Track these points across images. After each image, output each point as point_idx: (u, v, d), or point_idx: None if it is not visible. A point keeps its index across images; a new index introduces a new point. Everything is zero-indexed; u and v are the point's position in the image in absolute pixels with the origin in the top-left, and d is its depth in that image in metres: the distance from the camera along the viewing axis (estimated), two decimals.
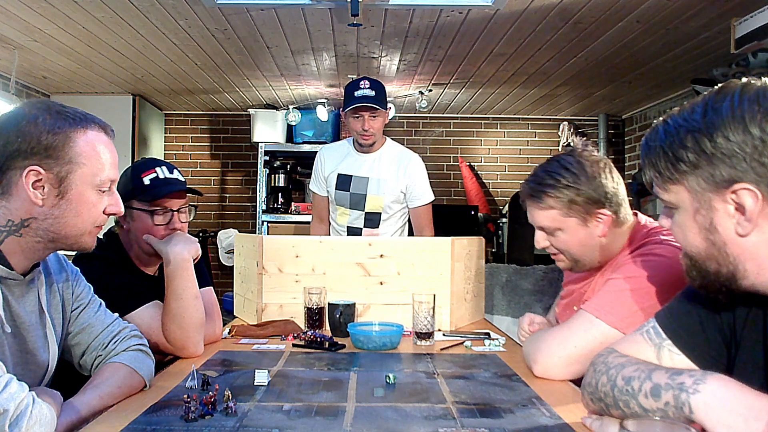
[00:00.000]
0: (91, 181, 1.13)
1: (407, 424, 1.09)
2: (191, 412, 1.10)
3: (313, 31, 3.38)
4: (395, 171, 2.84)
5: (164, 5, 2.96)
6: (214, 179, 5.72)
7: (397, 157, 2.87)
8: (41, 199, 1.09)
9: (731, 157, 0.87)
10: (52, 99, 4.82)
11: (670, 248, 1.39)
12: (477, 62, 3.95)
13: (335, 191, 2.89)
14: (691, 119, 0.92)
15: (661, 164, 0.95)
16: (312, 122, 5.07)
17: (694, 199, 0.93)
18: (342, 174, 2.88)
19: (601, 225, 1.48)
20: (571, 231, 1.50)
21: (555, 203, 1.49)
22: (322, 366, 1.54)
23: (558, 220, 1.50)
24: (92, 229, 1.17)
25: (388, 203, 2.84)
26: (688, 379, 0.90)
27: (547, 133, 5.80)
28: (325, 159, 2.95)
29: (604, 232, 1.48)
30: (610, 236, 1.50)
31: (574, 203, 1.47)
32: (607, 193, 1.47)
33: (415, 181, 2.85)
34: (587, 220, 1.48)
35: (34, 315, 1.16)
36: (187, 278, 1.60)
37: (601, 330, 1.36)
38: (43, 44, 3.60)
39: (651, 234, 1.49)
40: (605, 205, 1.47)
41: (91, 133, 1.14)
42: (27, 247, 1.11)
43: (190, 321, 1.58)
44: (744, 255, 0.90)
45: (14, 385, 0.94)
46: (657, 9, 2.94)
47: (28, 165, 1.07)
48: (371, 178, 2.84)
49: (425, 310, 1.78)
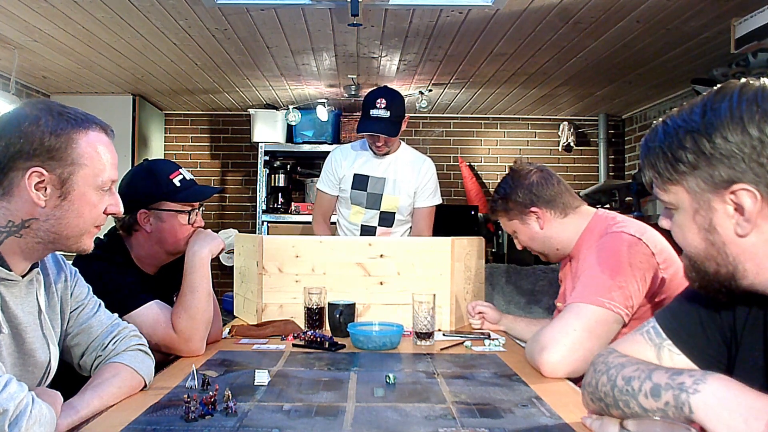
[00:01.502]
0: (92, 181, 1.13)
1: (407, 424, 1.09)
2: (191, 412, 1.10)
3: (313, 31, 3.38)
4: (410, 172, 2.89)
5: (164, 5, 2.96)
6: (214, 179, 5.72)
7: (412, 160, 2.93)
8: (43, 201, 1.09)
9: (730, 157, 0.87)
10: (52, 99, 4.83)
11: (619, 234, 1.61)
12: (477, 62, 3.95)
13: (351, 191, 2.91)
14: (690, 120, 0.92)
15: (661, 165, 0.95)
16: (312, 122, 5.07)
17: (694, 199, 0.93)
18: (359, 174, 2.90)
19: (537, 220, 1.80)
20: (520, 230, 1.85)
21: (500, 214, 1.88)
22: (322, 366, 1.54)
23: (508, 225, 1.88)
24: (92, 229, 1.17)
25: (404, 204, 2.90)
26: (688, 379, 0.90)
27: (547, 133, 5.80)
28: (341, 159, 2.96)
29: (542, 225, 1.80)
30: (554, 227, 1.80)
31: (509, 209, 1.84)
32: (534, 195, 1.79)
33: (426, 183, 2.90)
34: (524, 219, 1.82)
35: (32, 316, 1.16)
36: (203, 275, 1.66)
37: (590, 311, 1.48)
38: (43, 44, 3.60)
39: (609, 225, 1.68)
40: (535, 205, 1.79)
41: (93, 134, 1.14)
42: (27, 248, 1.11)
43: (201, 315, 1.62)
44: (743, 255, 0.90)
45: (13, 384, 0.94)
46: (657, 9, 2.94)
47: (31, 166, 1.07)
48: (388, 179, 2.88)
49: (425, 310, 1.78)
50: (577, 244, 1.78)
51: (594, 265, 1.57)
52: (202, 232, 1.75)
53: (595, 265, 1.57)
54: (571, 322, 1.48)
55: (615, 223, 1.68)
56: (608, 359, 1.07)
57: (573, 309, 1.51)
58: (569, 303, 1.55)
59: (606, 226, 1.69)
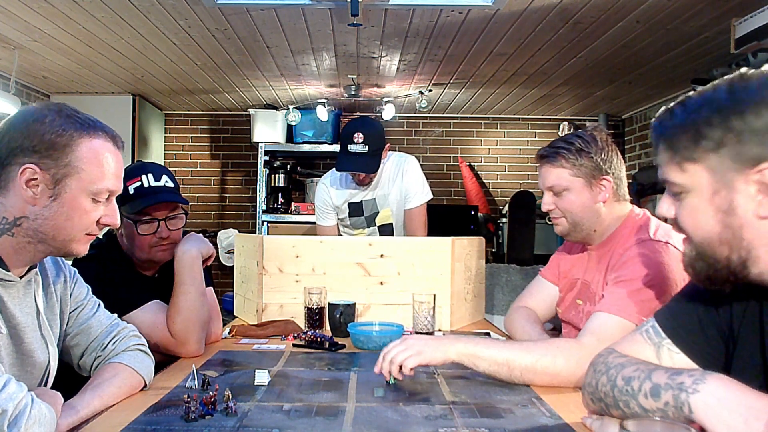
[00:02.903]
0: (87, 187, 1.11)
1: (407, 424, 1.09)
2: (191, 412, 1.10)
3: (313, 31, 3.38)
4: (394, 180, 2.88)
5: (164, 5, 2.96)
6: (214, 179, 5.72)
7: (395, 167, 2.89)
8: (34, 198, 1.08)
9: (761, 135, 0.86)
10: (52, 99, 4.83)
11: (667, 247, 1.47)
12: (477, 62, 3.95)
13: (350, 218, 2.93)
14: (714, 98, 0.91)
15: (681, 143, 0.93)
16: (312, 122, 5.07)
17: (714, 179, 0.91)
18: (353, 202, 2.92)
19: (603, 191, 1.62)
20: (576, 191, 1.63)
21: (566, 163, 1.63)
22: (322, 366, 1.54)
23: (566, 179, 1.63)
24: (82, 236, 1.15)
25: (396, 212, 2.90)
26: (688, 379, 0.90)
27: (547, 133, 5.79)
28: (332, 191, 2.95)
29: (605, 198, 1.62)
30: (609, 206, 1.63)
31: (583, 166, 1.61)
32: (612, 164, 1.62)
33: (410, 184, 2.87)
34: (592, 184, 1.62)
35: (30, 317, 1.16)
36: (195, 275, 1.64)
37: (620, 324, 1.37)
38: (43, 44, 3.60)
39: (640, 230, 1.56)
40: (610, 174, 1.62)
41: (97, 141, 1.13)
42: (19, 248, 1.10)
43: (195, 315, 1.61)
44: (758, 240, 0.89)
45: (12, 385, 0.94)
46: (657, 9, 2.94)
47: (26, 162, 1.07)
48: (378, 196, 2.89)
49: (425, 310, 1.78)
50: (610, 238, 1.64)
51: (635, 280, 1.44)
52: (192, 235, 1.74)
53: (637, 281, 1.43)
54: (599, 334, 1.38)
55: (655, 228, 1.55)
56: (608, 359, 1.07)
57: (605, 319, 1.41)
58: (599, 309, 1.44)
59: (642, 229, 1.57)
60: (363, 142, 2.67)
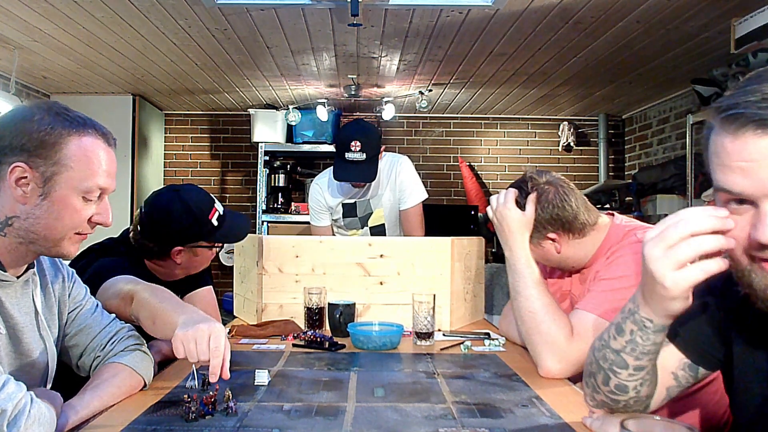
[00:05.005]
0: (77, 185, 1.10)
1: (407, 424, 1.09)
2: (191, 412, 1.10)
3: (313, 31, 3.38)
4: (387, 181, 2.86)
5: (164, 5, 2.96)
6: (214, 179, 5.72)
7: (388, 168, 2.87)
8: (24, 197, 1.07)
9: None
10: (52, 99, 4.83)
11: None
12: (477, 62, 3.95)
13: (344, 219, 2.92)
14: None
15: None
16: (312, 122, 5.07)
17: None
18: (347, 203, 2.91)
19: (553, 245, 1.63)
20: (533, 252, 1.61)
21: None
22: (322, 366, 1.54)
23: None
24: (72, 235, 1.13)
25: (388, 213, 2.89)
26: (631, 304, 0.97)
27: (547, 133, 5.80)
28: (325, 192, 2.93)
29: (559, 249, 1.63)
30: (571, 249, 1.63)
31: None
32: (552, 219, 1.59)
33: (404, 184, 2.85)
34: (539, 244, 1.63)
35: (29, 317, 1.16)
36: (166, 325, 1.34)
37: (596, 322, 1.43)
38: (43, 44, 3.60)
39: (628, 234, 1.57)
40: (553, 230, 1.60)
41: (87, 139, 1.12)
42: (11, 248, 1.10)
43: None
44: None
45: (12, 384, 0.93)
46: (657, 9, 2.94)
47: (15, 161, 1.06)
48: (372, 197, 2.88)
49: (425, 310, 1.78)
50: (593, 257, 1.65)
51: (617, 279, 1.48)
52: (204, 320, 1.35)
53: (618, 281, 1.47)
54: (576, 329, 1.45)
55: (632, 233, 1.57)
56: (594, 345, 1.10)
57: (581, 316, 1.47)
58: (578, 307, 1.50)
59: (624, 235, 1.58)
60: (360, 149, 2.62)
